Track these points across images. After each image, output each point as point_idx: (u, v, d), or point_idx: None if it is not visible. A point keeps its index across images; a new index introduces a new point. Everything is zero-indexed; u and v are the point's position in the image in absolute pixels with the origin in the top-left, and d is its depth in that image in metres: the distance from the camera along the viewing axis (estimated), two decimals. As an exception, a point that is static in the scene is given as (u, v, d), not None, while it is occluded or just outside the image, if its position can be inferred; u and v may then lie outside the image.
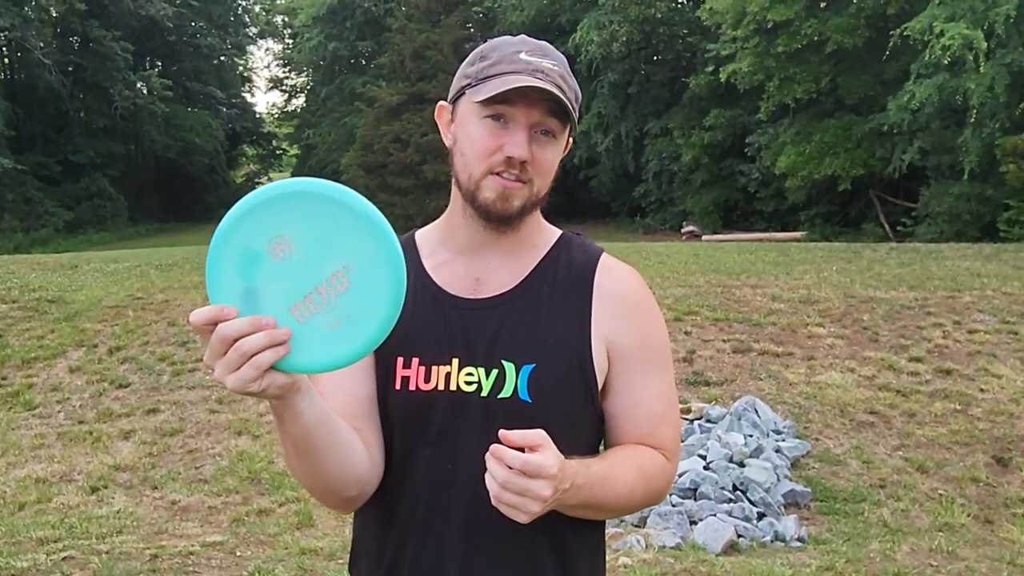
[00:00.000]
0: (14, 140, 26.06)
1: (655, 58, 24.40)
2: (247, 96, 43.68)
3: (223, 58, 38.61)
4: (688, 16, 23.65)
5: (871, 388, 6.29)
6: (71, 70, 28.72)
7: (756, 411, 5.69)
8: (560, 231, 1.30)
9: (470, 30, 25.66)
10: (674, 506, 4.62)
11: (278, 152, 43.20)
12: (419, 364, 1.18)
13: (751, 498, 4.76)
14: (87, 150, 28.16)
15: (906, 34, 15.28)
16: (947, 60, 14.35)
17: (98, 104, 28.89)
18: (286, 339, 0.93)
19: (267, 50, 63.12)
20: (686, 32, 23.72)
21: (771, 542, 4.43)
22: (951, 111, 16.07)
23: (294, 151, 41.51)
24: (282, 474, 5.30)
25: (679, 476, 4.81)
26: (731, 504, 4.68)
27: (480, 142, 1.15)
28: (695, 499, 4.74)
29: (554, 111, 1.14)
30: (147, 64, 32.17)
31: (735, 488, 4.84)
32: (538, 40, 1.21)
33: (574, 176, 24.96)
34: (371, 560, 1.23)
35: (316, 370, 0.98)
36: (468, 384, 1.16)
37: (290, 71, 41.16)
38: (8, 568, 3.73)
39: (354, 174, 22.54)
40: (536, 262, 1.24)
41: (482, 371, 1.16)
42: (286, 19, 41.25)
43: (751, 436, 5.31)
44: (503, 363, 1.16)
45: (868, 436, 5.70)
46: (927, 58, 14.81)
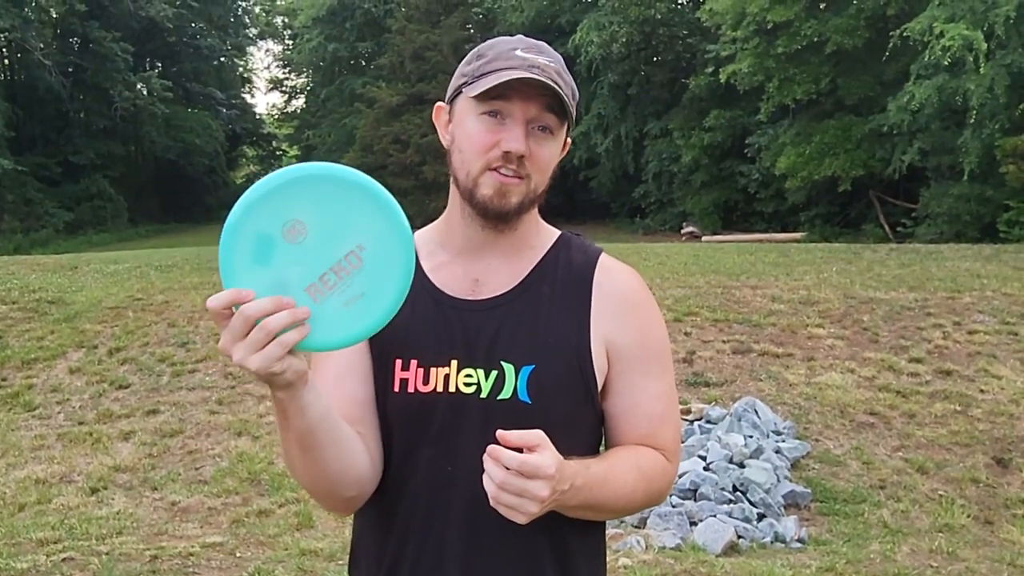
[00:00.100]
0: (14, 141, 26.05)
1: (655, 59, 24.42)
2: (247, 97, 43.75)
3: (223, 59, 38.64)
4: (688, 17, 23.67)
5: (871, 389, 6.29)
6: (71, 71, 28.73)
7: (756, 412, 5.69)
8: (559, 232, 1.30)
9: (470, 31, 25.66)
10: (674, 507, 4.62)
11: (278, 153, 43.22)
12: (417, 366, 1.17)
13: (751, 499, 4.76)
14: (87, 151, 28.17)
15: (906, 35, 15.28)
16: (947, 61, 14.36)
17: (98, 105, 28.91)
18: (306, 318, 0.95)
19: (267, 51, 63.05)
20: (686, 33, 23.72)
21: (771, 543, 4.42)
22: (951, 112, 16.08)
23: (294, 152, 41.51)
24: (282, 475, 5.29)
25: (679, 477, 4.80)
26: (731, 505, 4.68)
27: (478, 138, 1.15)
28: (695, 500, 4.74)
29: (551, 107, 1.14)
30: (147, 65, 32.16)
31: (735, 489, 4.83)
32: (535, 39, 1.21)
33: (574, 177, 24.97)
34: (371, 561, 1.23)
35: (334, 347, 1.01)
36: (467, 386, 1.16)
37: (290, 72, 41.17)
38: (8, 569, 3.73)
39: (354, 174, 22.51)
40: (535, 263, 1.24)
41: (481, 372, 1.16)
42: (286, 20, 41.24)
43: (751, 437, 5.31)
44: (502, 364, 1.16)
45: (868, 437, 5.70)
46: (927, 59, 14.81)
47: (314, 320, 0.96)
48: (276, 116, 44.81)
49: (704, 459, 5.07)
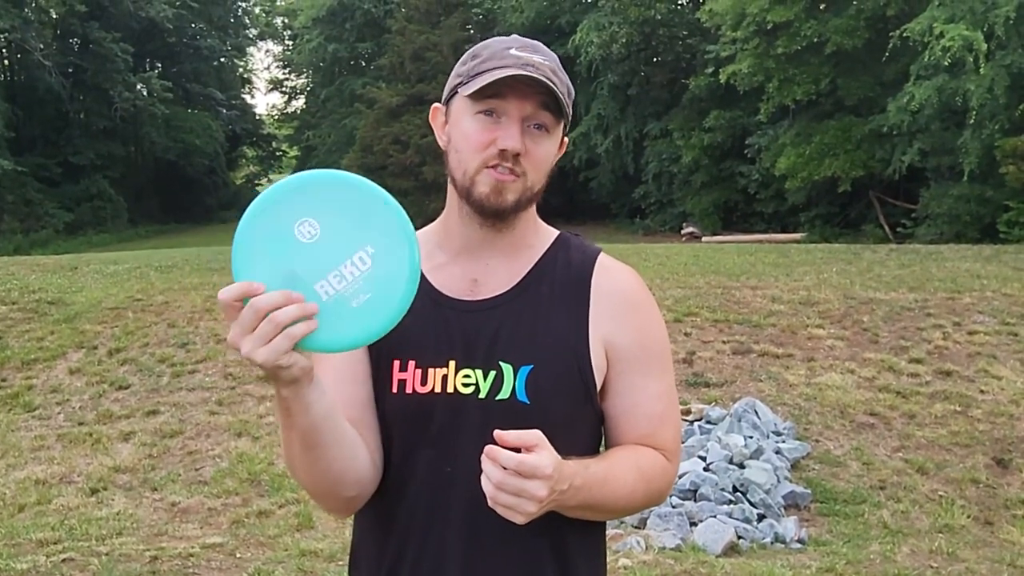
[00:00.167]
0: (14, 142, 26.06)
1: (655, 60, 24.42)
2: (247, 98, 43.76)
3: (223, 60, 38.67)
4: (688, 17, 23.68)
5: (871, 389, 6.29)
6: (71, 72, 28.74)
7: (756, 412, 5.69)
8: (557, 231, 1.29)
9: (470, 31, 25.67)
10: (674, 507, 4.62)
11: (278, 154, 43.24)
12: (416, 367, 1.17)
13: (751, 499, 4.76)
14: (87, 152, 28.18)
15: (906, 35, 15.29)
16: (947, 62, 14.36)
17: (98, 106, 28.92)
18: (315, 313, 0.96)
19: (267, 52, 63.31)
20: (686, 34, 23.73)
21: (771, 544, 4.42)
22: (951, 112, 16.08)
23: (294, 153, 41.56)
24: (282, 476, 5.29)
25: (679, 477, 4.80)
26: (731, 505, 4.68)
27: (474, 137, 1.15)
28: (695, 500, 4.73)
29: (546, 104, 1.14)
30: (147, 66, 32.17)
31: (735, 489, 4.83)
32: (532, 39, 1.21)
33: (574, 178, 24.98)
34: (371, 563, 1.23)
35: (339, 348, 1.02)
36: (466, 386, 1.16)
37: (290, 73, 41.22)
38: (8, 570, 3.73)
39: (354, 175, 22.55)
40: (533, 262, 1.24)
41: (480, 373, 1.16)
42: (286, 21, 41.28)
43: (751, 437, 5.31)
44: (501, 364, 1.16)
45: (868, 437, 5.70)
46: (927, 59, 14.82)
47: (321, 319, 0.97)
48: (276, 117, 44.85)
49: (704, 460, 5.07)
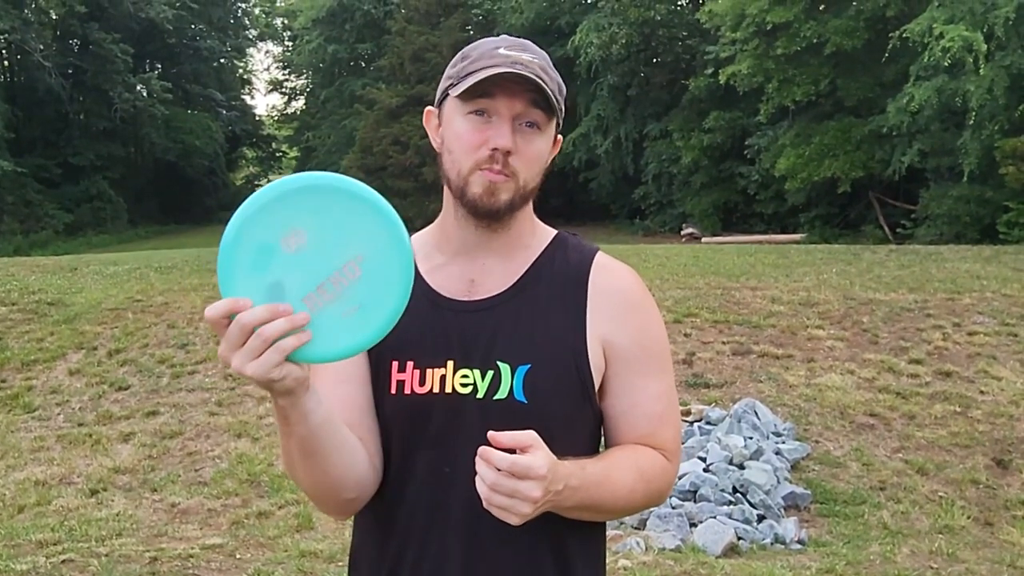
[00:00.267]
0: (14, 142, 26.05)
1: (654, 60, 24.42)
2: (247, 99, 43.77)
3: (223, 60, 38.68)
4: (687, 18, 23.67)
5: (871, 390, 6.29)
6: (71, 72, 28.73)
7: (756, 413, 5.69)
8: (555, 231, 1.29)
9: (469, 32, 25.65)
10: (674, 508, 4.62)
11: (278, 154, 43.25)
12: (414, 367, 1.17)
13: (751, 500, 4.76)
14: (87, 152, 28.17)
15: (905, 36, 15.27)
16: (946, 62, 14.36)
17: (98, 107, 28.92)
18: (305, 324, 0.94)
19: (267, 52, 63.30)
20: (685, 34, 23.73)
21: (771, 544, 4.42)
22: (950, 113, 16.08)
23: (294, 153, 41.55)
24: (282, 477, 5.29)
25: (679, 478, 4.80)
26: (731, 506, 4.68)
27: (466, 138, 1.15)
28: (695, 501, 4.73)
29: (536, 102, 1.14)
30: (147, 66, 32.17)
31: (735, 490, 4.83)
32: (526, 39, 1.21)
33: (573, 178, 24.97)
34: (371, 564, 1.22)
35: (331, 358, 0.99)
36: (464, 386, 1.16)
37: (290, 73, 41.21)
38: (8, 571, 3.73)
39: (354, 176, 22.26)
40: (530, 262, 1.24)
41: (478, 373, 1.16)
42: (286, 21, 41.27)
43: (751, 438, 5.31)
44: (498, 364, 1.15)
45: (868, 438, 5.69)
46: (926, 60, 14.81)
47: (312, 330, 0.95)
48: (276, 118, 44.84)
49: (704, 460, 5.07)
